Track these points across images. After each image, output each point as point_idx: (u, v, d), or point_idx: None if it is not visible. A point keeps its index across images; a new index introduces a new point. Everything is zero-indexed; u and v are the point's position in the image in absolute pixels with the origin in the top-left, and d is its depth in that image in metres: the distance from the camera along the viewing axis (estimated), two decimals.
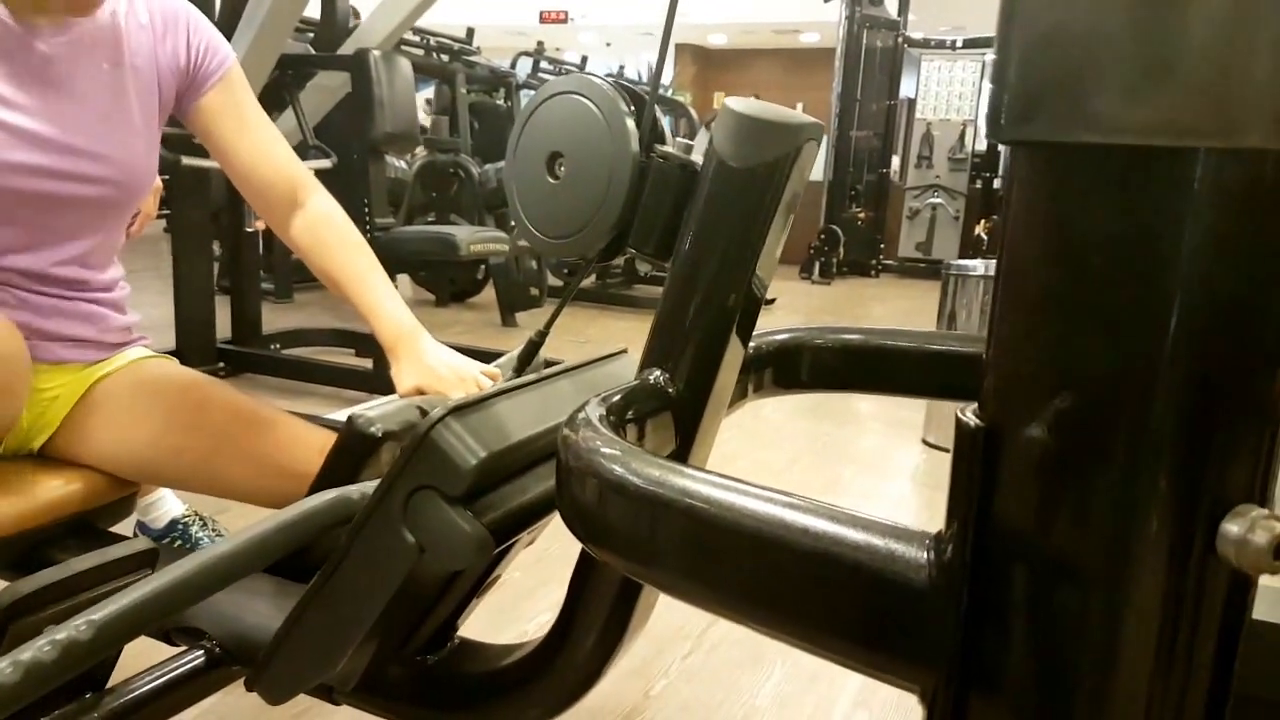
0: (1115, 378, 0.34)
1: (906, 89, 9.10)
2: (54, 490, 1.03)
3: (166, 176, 2.59)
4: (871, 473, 2.91)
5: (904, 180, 9.01)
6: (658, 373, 0.67)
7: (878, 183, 8.80)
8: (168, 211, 3.40)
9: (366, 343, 3.68)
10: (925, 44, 8.94)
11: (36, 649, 0.58)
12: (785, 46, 12.21)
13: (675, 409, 0.66)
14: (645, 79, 10.38)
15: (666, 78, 11.75)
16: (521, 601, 1.82)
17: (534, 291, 4.97)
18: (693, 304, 0.66)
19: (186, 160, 3.18)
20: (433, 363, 1.04)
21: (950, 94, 8.82)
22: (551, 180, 0.73)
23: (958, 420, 0.39)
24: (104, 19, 1.06)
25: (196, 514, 1.80)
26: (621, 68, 10.10)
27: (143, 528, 1.75)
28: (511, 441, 0.72)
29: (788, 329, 0.82)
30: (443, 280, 5.54)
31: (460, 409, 0.69)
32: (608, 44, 12.89)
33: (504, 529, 0.71)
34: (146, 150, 1.11)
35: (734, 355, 0.68)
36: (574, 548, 0.53)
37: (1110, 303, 0.34)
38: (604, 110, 0.71)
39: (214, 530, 1.80)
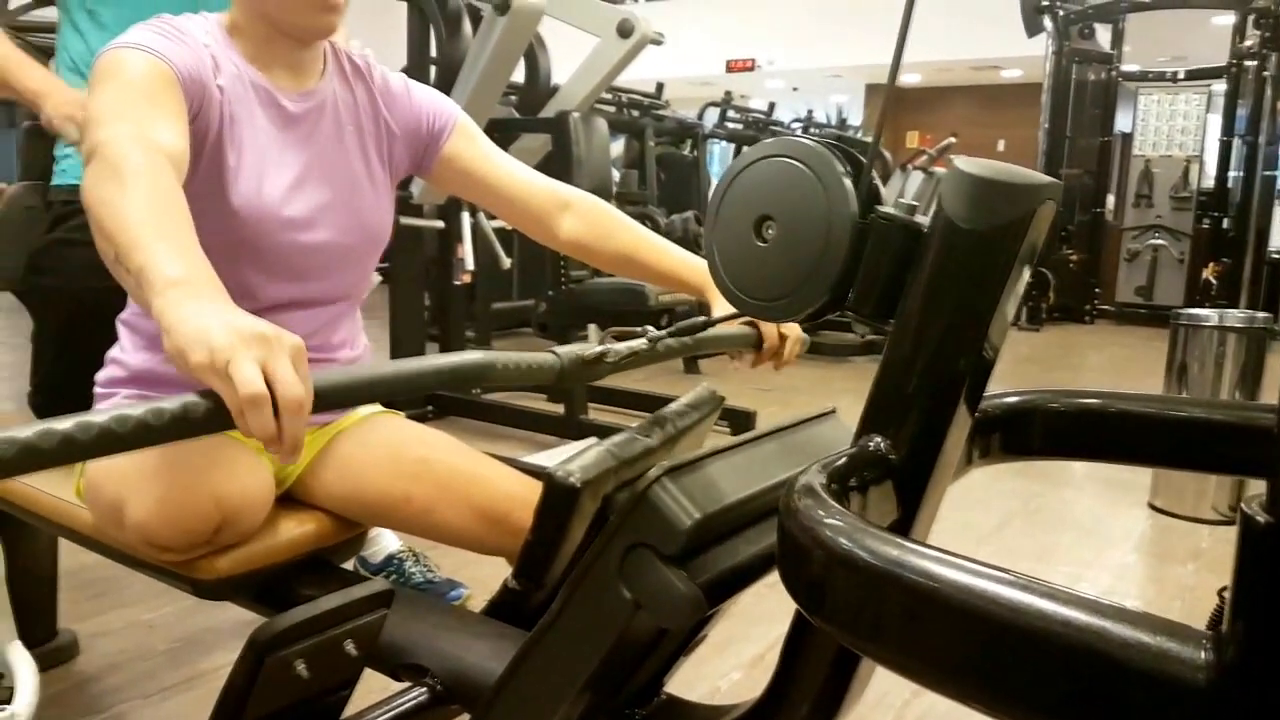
0: None
1: (1122, 124, 8.52)
2: (294, 530, 1.13)
3: None
4: (1090, 540, 2.67)
5: (1120, 220, 8.39)
6: (878, 439, 0.65)
7: (1091, 223, 8.24)
8: (386, 265, 3.71)
9: (556, 389, 3.82)
10: (1143, 77, 8.35)
11: None
12: (983, 83, 11.76)
13: (897, 478, 0.64)
14: (833, 121, 10.28)
15: (856, 118, 11.54)
16: (711, 658, 1.80)
17: None
18: (917, 368, 0.64)
19: (404, 220, 3.46)
20: None
21: (1171, 129, 8.17)
22: (759, 243, 0.72)
23: (1243, 514, 0.35)
24: (335, 89, 1.17)
25: (411, 550, 1.92)
26: (810, 112, 10.05)
27: (362, 562, 1.89)
28: (725, 503, 0.72)
29: (1017, 391, 0.77)
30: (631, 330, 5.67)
31: (675, 469, 0.70)
32: (794, 89, 12.89)
33: (716, 590, 0.70)
34: (380, 204, 1.21)
35: (961, 423, 0.65)
36: (762, 606, 0.51)
37: None
38: (818, 173, 0.70)
39: (425, 566, 1.91)
